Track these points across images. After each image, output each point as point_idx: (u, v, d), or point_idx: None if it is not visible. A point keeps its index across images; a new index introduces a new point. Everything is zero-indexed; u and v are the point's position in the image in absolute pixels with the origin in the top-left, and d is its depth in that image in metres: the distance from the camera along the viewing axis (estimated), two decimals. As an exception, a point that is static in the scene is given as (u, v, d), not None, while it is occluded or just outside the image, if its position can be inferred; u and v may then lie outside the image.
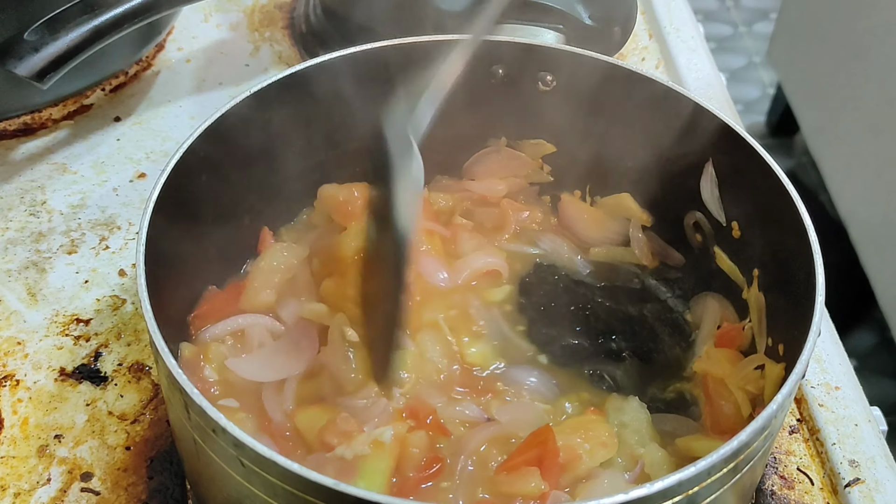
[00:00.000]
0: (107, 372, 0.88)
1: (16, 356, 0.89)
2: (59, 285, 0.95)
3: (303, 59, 1.18)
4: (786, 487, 0.83)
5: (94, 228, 1.01)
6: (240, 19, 1.28)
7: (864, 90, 2.12)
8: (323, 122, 0.88)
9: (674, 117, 0.84)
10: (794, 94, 2.53)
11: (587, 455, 0.73)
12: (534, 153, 0.95)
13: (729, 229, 0.85)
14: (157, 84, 1.19)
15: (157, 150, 1.10)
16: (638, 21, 1.24)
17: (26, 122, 1.11)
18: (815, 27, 2.35)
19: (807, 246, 0.72)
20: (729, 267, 0.86)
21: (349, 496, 0.56)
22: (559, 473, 0.72)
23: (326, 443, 0.72)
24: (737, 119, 1.12)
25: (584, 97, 0.88)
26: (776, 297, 0.80)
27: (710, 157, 0.84)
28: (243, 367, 0.79)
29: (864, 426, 0.86)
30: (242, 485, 0.62)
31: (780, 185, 0.76)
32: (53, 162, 1.08)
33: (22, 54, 0.91)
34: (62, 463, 0.82)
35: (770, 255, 0.80)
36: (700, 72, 1.22)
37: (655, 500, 0.58)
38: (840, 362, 0.92)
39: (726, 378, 0.80)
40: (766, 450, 0.69)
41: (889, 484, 0.82)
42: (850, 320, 2.35)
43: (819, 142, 2.37)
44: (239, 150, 0.83)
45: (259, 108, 0.82)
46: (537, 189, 0.97)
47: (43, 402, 0.86)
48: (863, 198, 2.15)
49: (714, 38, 3.20)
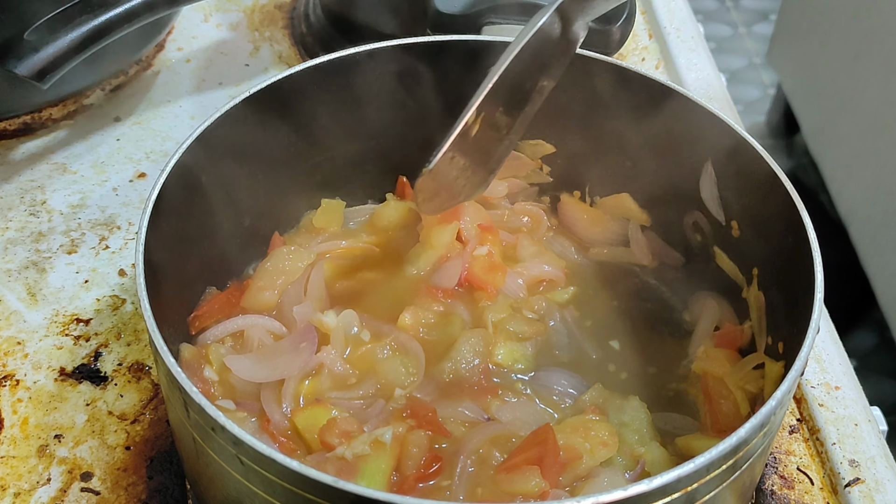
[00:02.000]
0: (107, 372, 0.88)
1: (16, 356, 0.89)
2: (59, 285, 0.95)
3: (303, 59, 1.19)
4: (786, 487, 0.83)
5: (94, 228, 1.01)
6: (240, 19, 1.28)
7: (864, 90, 2.12)
8: (324, 122, 0.88)
9: (674, 117, 0.84)
10: (794, 95, 2.53)
11: (588, 454, 0.73)
12: (534, 153, 0.95)
13: (728, 229, 0.85)
14: (157, 84, 1.19)
15: (157, 150, 1.10)
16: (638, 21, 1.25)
17: (26, 122, 1.11)
18: (815, 27, 2.35)
19: (807, 246, 0.72)
20: (728, 266, 0.86)
21: (348, 493, 0.56)
22: (559, 472, 0.72)
23: (327, 443, 0.72)
24: (737, 119, 1.12)
25: (584, 97, 0.88)
26: (776, 296, 0.80)
27: (710, 157, 0.84)
28: (241, 366, 0.79)
29: (864, 426, 0.86)
30: (242, 483, 0.62)
31: (780, 185, 0.76)
32: (53, 162, 1.08)
33: (22, 54, 0.91)
34: (62, 463, 0.82)
35: (770, 254, 0.80)
36: (700, 72, 1.22)
37: (654, 497, 0.58)
38: (840, 362, 0.92)
39: (726, 377, 0.80)
40: (766, 448, 0.69)
41: (889, 484, 0.82)
42: (850, 320, 2.35)
43: (819, 142, 2.38)
44: (239, 150, 0.83)
45: (259, 109, 0.82)
46: (537, 189, 0.97)
47: (43, 402, 0.86)
48: (863, 198, 2.16)
49: (714, 38, 3.20)
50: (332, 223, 0.92)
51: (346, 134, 0.90)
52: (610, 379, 0.84)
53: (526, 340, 0.85)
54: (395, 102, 0.89)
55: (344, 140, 0.91)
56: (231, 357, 0.80)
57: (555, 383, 0.82)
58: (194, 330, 0.82)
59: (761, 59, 3.13)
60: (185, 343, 0.80)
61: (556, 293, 0.90)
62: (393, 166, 0.95)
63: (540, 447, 0.72)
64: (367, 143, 0.92)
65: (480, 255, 0.88)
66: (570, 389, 0.82)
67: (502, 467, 0.73)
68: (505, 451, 0.75)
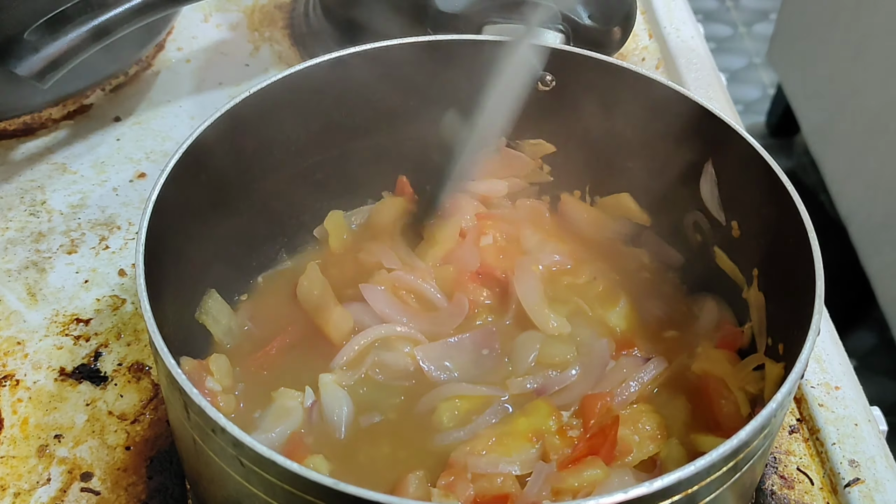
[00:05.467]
0: (107, 372, 0.88)
1: (16, 356, 0.89)
2: (59, 285, 0.95)
3: (302, 59, 1.18)
4: (786, 487, 0.83)
5: (94, 228, 1.01)
6: (240, 19, 1.28)
7: (864, 90, 2.12)
8: (324, 122, 0.88)
9: (674, 117, 0.84)
10: (794, 94, 2.53)
11: (636, 447, 0.73)
12: (534, 153, 0.95)
13: (728, 229, 0.85)
14: (157, 84, 1.19)
15: (157, 150, 1.10)
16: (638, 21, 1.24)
17: (26, 122, 1.11)
18: (815, 27, 2.35)
19: (807, 246, 0.72)
20: (729, 266, 0.86)
21: (348, 495, 0.56)
22: (610, 465, 0.72)
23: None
24: (737, 119, 1.12)
25: (584, 97, 0.88)
26: (776, 296, 0.80)
27: (710, 157, 0.84)
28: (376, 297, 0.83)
29: (864, 426, 0.86)
30: (242, 484, 0.62)
31: (780, 185, 0.76)
32: (53, 162, 1.08)
33: (22, 54, 0.91)
34: (62, 463, 0.82)
35: (770, 254, 0.80)
36: (700, 72, 1.22)
37: (655, 499, 0.58)
38: (840, 362, 0.92)
39: (726, 378, 0.80)
40: (766, 449, 0.68)
41: (889, 484, 0.82)
42: (850, 320, 2.35)
43: (819, 142, 2.37)
44: (238, 150, 0.83)
45: (259, 109, 0.82)
46: (537, 189, 0.97)
47: (43, 402, 0.86)
48: (863, 198, 2.16)
49: (714, 38, 3.20)
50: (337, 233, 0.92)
51: (346, 134, 0.90)
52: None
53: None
54: (394, 102, 0.89)
55: (344, 140, 0.91)
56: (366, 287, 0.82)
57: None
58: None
59: (761, 59, 3.13)
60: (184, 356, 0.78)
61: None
62: (393, 166, 0.95)
63: (601, 436, 0.72)
64: (366, 142, 0.92)
65: (487, 245, 0.89)
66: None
67: (566, 462, 0.72)
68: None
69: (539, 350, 0.83)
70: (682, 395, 0.80)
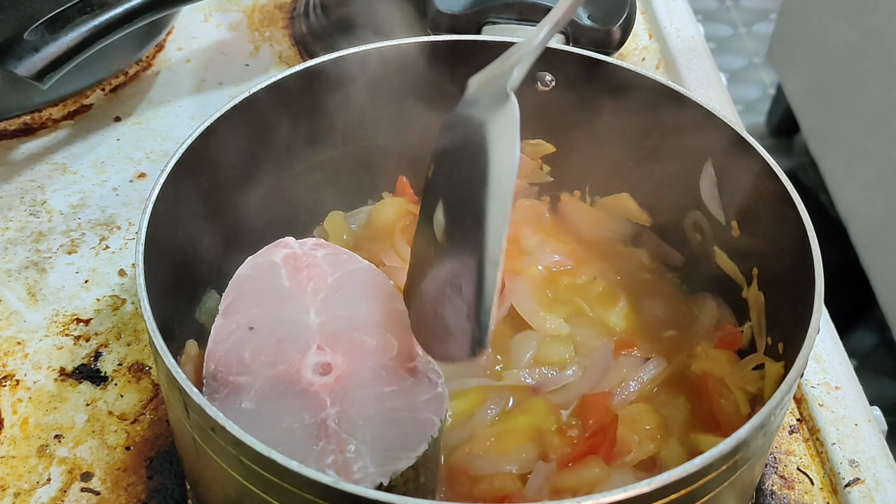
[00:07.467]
0: (107, 372, 0.88)
1: (16, 356, 0.89)
2: (59, 285, 0.95)
3: (303, 59, 1.19)
4: (785, 487, 0.83)
5: (94, 228, 1.01)
6: (240, 19, 1.29)
7: (864, 90, 2.12)
8: (324, 122, 0.88)
9: (674, 117, 0.84)
10: (794, 94, 2.53)
11: (636, 447, 0.73)
12: (534, 153, 0.95)
13: (728, 229, 0.85)
14: (157, 84, 1.19)
15: (157, 150, 1.10)
16: (638, 21, 1.25)
17: (26, 122, 1.11)
18: (815, 27, 2.35)
19: (807, 246, 0.72)
20: (728, 266, 0.86)
21: (348, 494, 0.56)
22: (610, 464, 0.72)
23: None
24: (737, 119, 1.12)
25: (584, 97, 0.88)
26: (776, 296, 0.80)
27: (710, 157, 0.84)
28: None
29: (864, 426, 0.86)
30: (242, 484, 0.62)
31: (780, 185, 0.76)
32: (53, 162, 1.08)
33: (22, 54, 0.91)
34: (62, 463, 0.82)
35: (770, 254, 0.80)
36: (700, 72, 1.22)
37: (654, 498, 0.58)
38: (840, 362, 0.92)
39: (726, 377, 0.80)
40: (766, 448, 0.69)
41: (889, 484, 0.82)
42: (850, 320, 2.35)
43: (819, 142, 2.37)
44: (239, 150, 0.83)
45: (259, 109, 0.82)
46: (537, 189, 0.97)
47: (43, 402, 0.86)
48: (863, 198, 2.16)
49: (714, 38, 3.20)
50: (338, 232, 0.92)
51: (346, 134, 0.90)
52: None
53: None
54: (394, 102, 0.89)
55: (344, 140, 0.91)
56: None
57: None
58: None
59: (761, 59, 3.13)
60: (191, 340, 0.79)
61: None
62: (393, 166, 0.95)
63: (601, 435, 0.71)
64: (366, 142, 0.92)
65: None
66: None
67: (566, 461, 0.72)
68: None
69: (536, 349, 0.83)
70: (681, 394, 0.80)
